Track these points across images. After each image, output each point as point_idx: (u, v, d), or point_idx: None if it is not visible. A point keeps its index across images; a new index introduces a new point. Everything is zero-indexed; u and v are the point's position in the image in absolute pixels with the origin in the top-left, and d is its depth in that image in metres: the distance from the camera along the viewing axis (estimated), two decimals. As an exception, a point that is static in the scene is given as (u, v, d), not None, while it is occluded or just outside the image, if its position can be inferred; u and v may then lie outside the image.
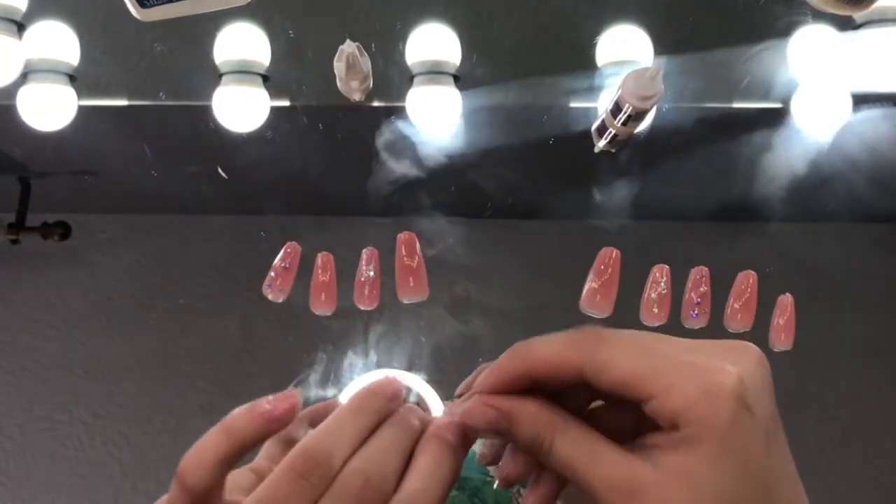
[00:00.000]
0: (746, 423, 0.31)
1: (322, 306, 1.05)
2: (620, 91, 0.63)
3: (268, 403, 0.33)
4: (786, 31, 1.10)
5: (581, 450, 0.33)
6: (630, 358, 0.32)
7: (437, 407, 0.42)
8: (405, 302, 1.01)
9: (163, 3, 0.44)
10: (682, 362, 0.32)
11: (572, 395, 0.35)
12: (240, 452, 0.33)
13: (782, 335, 1.07)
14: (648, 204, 1.51)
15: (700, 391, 0.31)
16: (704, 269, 1.06)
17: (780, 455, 0.33)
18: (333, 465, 0.32)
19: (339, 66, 0.81)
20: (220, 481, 0.33)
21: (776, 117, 1.23)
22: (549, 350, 0.34)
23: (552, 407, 0.34)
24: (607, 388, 0.32)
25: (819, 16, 1.08)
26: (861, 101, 1.14)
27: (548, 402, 0.34)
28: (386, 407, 0.36)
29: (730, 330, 1.07)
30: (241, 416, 0.33)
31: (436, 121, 1.15)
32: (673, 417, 0.31)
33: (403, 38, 1.14)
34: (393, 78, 1.15)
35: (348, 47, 0.78)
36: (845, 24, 1.06)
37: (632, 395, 0.32)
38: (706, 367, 0.32)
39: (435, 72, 1.12)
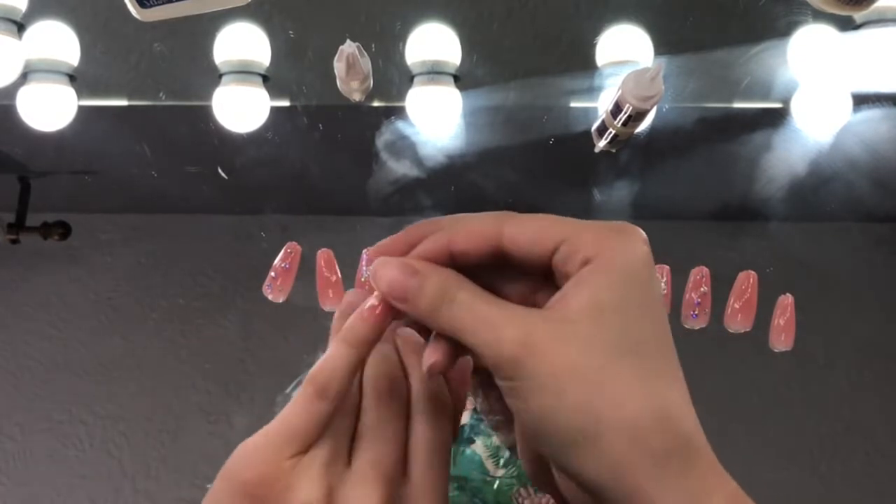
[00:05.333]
0: (652, 266, 0.32)
1: (331, 303, 1.06)
2: (620, 91, 0.63)
3: (371, 303, 0.35)
4: (786, 31, 1.10)
5: (485, 301, 0.33)
6: (545, 217, 0.34)
7: None
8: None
9: (163, 3, 0.44)
10: (591, 222, 0.33)
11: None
12: (365, 357, 0.35)
13: (782, 335, 1.07)
14: (648, 204, 1.51)
15: (614, 230, 0.33)
16: (704, 269, 1.06)
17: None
18: None
19: (339, 66, 0.81)
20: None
21: (776, 117, 1.23)
22: (473, 221, 0.35)
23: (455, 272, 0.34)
24: (524, 243, 0.33)
25: (819, 16, 1.08)
26: (861, 101, 1.14)
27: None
28: None
29: (730, 330, 1.07)
30: (356, 325, 0.34)
31: (436, 121, 1.15)
32: (586, 250, 0.32)
33: (403, 38, 1.14)
34: (393, 78, 1.15)
35: (348, 47, 0.78)
36: (845, 24, 1.06)
37: (547, 243, 0.33)
38: (613, 222, 0.33)
39: (435, 72, 1.12)
